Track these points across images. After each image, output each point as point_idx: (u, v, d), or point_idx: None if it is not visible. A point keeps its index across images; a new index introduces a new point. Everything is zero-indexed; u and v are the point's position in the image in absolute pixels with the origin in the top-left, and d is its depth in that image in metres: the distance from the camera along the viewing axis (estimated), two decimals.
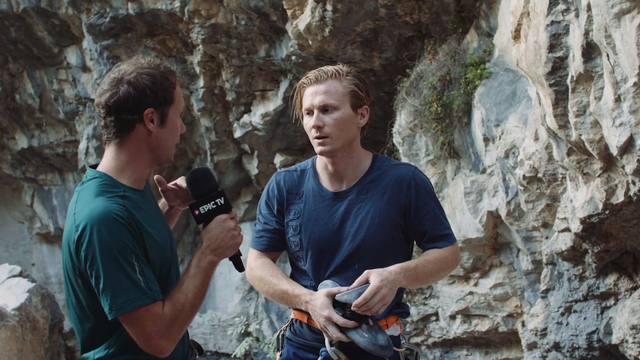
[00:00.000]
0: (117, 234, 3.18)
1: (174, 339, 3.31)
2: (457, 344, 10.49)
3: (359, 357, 3.96)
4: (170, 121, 3.41)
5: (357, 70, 4.14)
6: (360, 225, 4.00)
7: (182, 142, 13.76)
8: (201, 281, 3.36)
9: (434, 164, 9.44)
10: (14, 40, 13.32)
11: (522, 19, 6.44)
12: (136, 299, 3.18)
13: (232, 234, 3.40)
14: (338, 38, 9.83)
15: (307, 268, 4.11)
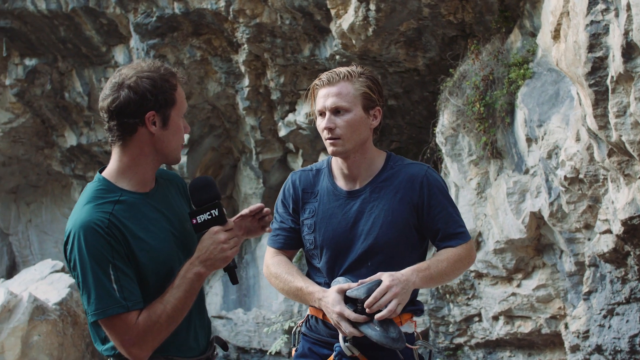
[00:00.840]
0: (95, 244, 3.27)
1: (147, 347, 3.36)
2: (500, 345, 10.42)
3: (372, 352, 3.98)
4: (172, 123, 3.45)
5: (371, 71, 4.14)
6: (373, 223, 4.03)
7: (227, 140, 13.85)
8: (184, 293, 3.37)
9: (477, 164, 9.40)
10: (63, 39, 13.49)
11: (562, 19, 6.39)
12: (108, 308, 3.27)
13: (222, 247, 3.38)
14: (381, 37, 9.82)
15: (322, 266, 4.15)
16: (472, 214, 9.63)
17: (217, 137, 13.86)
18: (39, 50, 14.05)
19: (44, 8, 12.93)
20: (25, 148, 16.52)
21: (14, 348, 10.79)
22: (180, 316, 3.39)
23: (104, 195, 3.42)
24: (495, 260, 9.51)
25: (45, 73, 14.39)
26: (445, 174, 10.01)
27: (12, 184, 17.53)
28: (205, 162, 13.96)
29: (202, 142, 13.73)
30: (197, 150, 13.71)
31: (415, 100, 11.01)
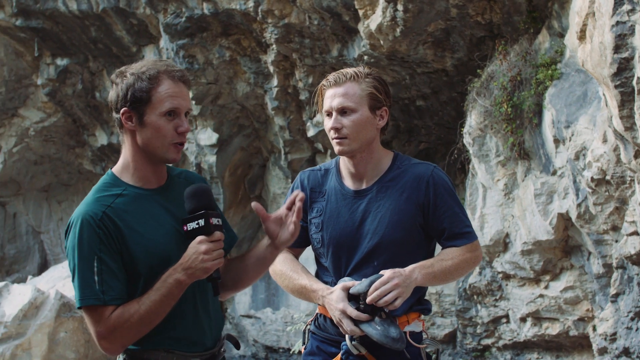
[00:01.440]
0: (84, 236, 3.37)
1: (117, 343, 3.41)
2: (527, 347, 10.38)
3: (379, 351, 3.99)
4: (149, 121, 3.48)
5: (378, 72, 4.16)
6: (380, 223, 4.04)
7: (256, 140, 13.89)
8: (160, 297, 3.38)
9: (504, 165, 9.36)
10: (94, 39, 13.60)
11: (587, 20, 6.35)
12: (85, 298, 3.36)
13: (202, 257, 3.35)
14: (409, 38, 9.81)
15: (328, 264, 4.17)
16: (499, 215, 9.60)
17: (246, 137, 13.90)
18: (70, 50, 14.17)
19: (75, 8, 13.04)
20: (57, 147, 16.67)
21: (40, 344, 10.89)
22: (154, 319, 3.41)
23: (108, 188, 3.51)
24: (522, 262, 9.47)
25: (77, 73, 14.51)
26: (473, 175, 9.99)
27: (44, 182, 17.68)
28: (234, 161, 14.02)
29: (231, 142, 13.78)
30: (226, 150, 13.77)
31: (443, 100, 10.99)
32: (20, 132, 16.31)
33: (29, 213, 18.02)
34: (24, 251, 18.12)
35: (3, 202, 17.90)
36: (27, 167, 17.21)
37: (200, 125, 13.53)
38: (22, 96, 15.69)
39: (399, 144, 12.00)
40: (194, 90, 12.80)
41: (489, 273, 10.22)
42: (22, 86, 15.48)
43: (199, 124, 13.52)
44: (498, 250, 9.74)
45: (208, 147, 13.62)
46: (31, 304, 10.92)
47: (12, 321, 10.79)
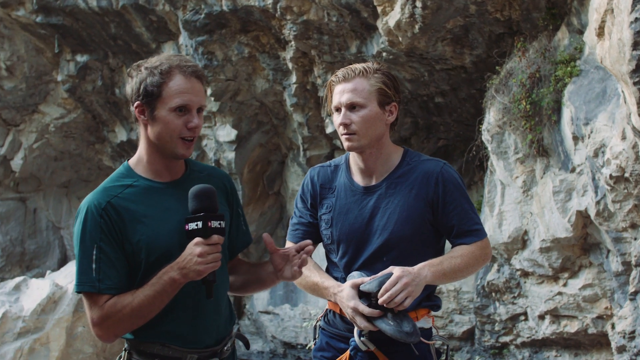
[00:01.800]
0: (85, 223, 3.47)
1: (109, 332, 3.49)
2: (546, 345, 10.34)
3: (388, 347, 4.00)
4: (159, 115, 3.53)
5: (387, 67, 4.16)
6: (389, 219, 4.05)
7: (275, 137, 13.90)
8: (154, 292, 3.43)
9: (523, 162, 9.34)
10: (114, 36, 13.64)
11: (606, 16, 6.33)
12: (81, 284, 3.48)
13: (197, 260, 3.38)
14: (428, 35, 9.79)
15: (338, 261, 4.19)
16: (517, 212, 9.57)
17: (265, 134, 13.91)
18: (90, 46, 14.23)
19: (94, 5, 13.08)
20: (77, 143, 16.75)
21: (58, 339, 10.97)
22: (146, 313, 3.46)
23: (120, 179, 3.60)
24: (541, 259, 9.44)
25: (96, 69, 14.57)
26: (491, 172, 9.96)
27: (64, 178, 17.76)
28: (252, 158, 14.03)
29: (250, 139, 13.80)
30: (245, 147, 13.78)
31: (462, 97, 10.96)
32: (41, 128, 16.39)
33: (49, 209, 18.10)
34: (44, 246, 18.21)
35: (23, 198, 18.00)
36: (47, 163, 17.29)
37: (219, 121, 13.54)
38: (43, 92, 15.76)
39: (418, 140, 11.99)
40: (213, 86, 12.81)
41: (507, 270, 10.20)
42: (43, 82, 15.55)
43: (218, 121, 13.54)
44: (516, 248, 9.72)
45: (227, 143, 13.64)
46: (49, 298, 11.00)
47: (31, 316, 10.87)
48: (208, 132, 13.74)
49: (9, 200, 17.87)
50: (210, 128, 13.70)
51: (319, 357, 4.27)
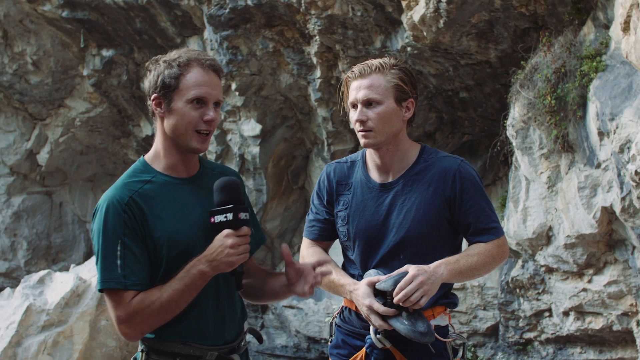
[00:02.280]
0: (109, 220, 3.44)
1: (137, 329, 3.46)
2: (570, 341, 10.30)
3: (404, 344, 3.99)
4: (176, 107, 3.53)
5: (404, 63, 4.13)
6: (405, 216, 4.03)
7: (299, 131, 13.90)
8: (183, 286, 3.43)
9: (548, 158, 9.28)
10: (139, 30, 13.68)
11: (632, 11, 6.28)
12: (106, 281, 3.44)
13: (228, 251, 3.40)
14: (453, 29, 9.75)
15: (355, 258, 4.18)
16: (542, 208, 9.53)
17: (290, 128, 13.91)
18: (116, 41, 14.28)
19: (120, 0, 13.13)
20: (102, 137, 16.82)
21: (82, 332, 11.03)
22: (174, 308, 3.46)
23: (138, 174, 3.60)
24: (565, 255, 9.39)
25: (122, 64, 14.62)
26: (516, 167, 9.92)
27: (90, 172, 17.83)
28: (277, 152, 14.03)
29: (275, 133, 13.80)
30: (270, 141, 13.79)
31: (487, 92, 10.91)
32: (67, 123, 16.47)
33: (75, 202, 18.19)
34: (70, 240, 18.30)
35: (49, 192, 18.09)
36: (73, 157, 17.37)
37: (243, 116, 13.55)
38: (69, 87, 15.84)
39: (442, 135, 11.95)
40: (238, 81, 12.82)
41: (531, 266, 10.15)
42: (69, 77, 15.63)
43: (243, 115, 13.55)
44: (541, 244, 9.67)
45: (251, 138, 13.65)
46: (73, 292, 11.07)
47: (55, 309, 10.94)
48: (233, 127, 13.76)
49: (35, 194, 17.98)
50: (235, 122, 13.71)
51: (335, 355, 4.28)
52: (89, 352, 11.16)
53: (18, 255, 17.85)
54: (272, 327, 14.86)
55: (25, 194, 17.90)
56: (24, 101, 16.21)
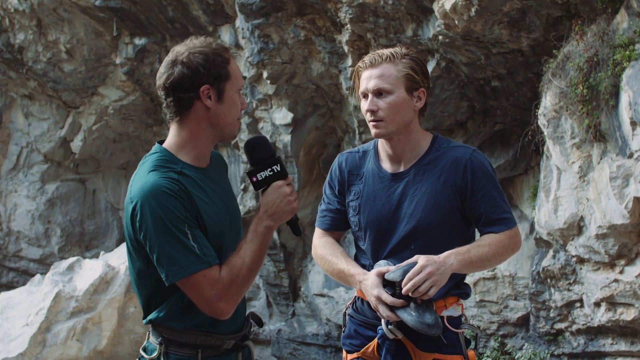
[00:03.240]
0: (167, 205, 3.38)
1: (233, 301, 3.48)
2: (602, 332, 10.23)
3: (415, 335, 3.98)
4: (227, 96, 3.56)
5: (415, 52, 4.11)
6: (416, 206, 4.02)
7: (331, 120, 13.89)
8: (258, 245, 3.50)
9: (579, 148, 9.22)
10: (171, 19, 13.72)
11: None
12: (191, 265, 3.38)
13: (288, 199, 3.52)
14: (484, 18, 9.69)
15: (366, 248, 4.18)
16: (574, 198, 9.46)
17: (321, 117, 13.91)
18: (148, 29, 14.34)
19: None
20: (135, 125, 16.93)
21: (110, 319, 11.13)
22: (257, 268, 3.52)
23: (166, 164, 3.56)
24: (597, 246, 9.33)
25: (154, 52, 14.69)
26: (547, 157, 9.85)
27: (123, 160, 17.96)
28: (309, 141, 14.04)
29: (306, 122, 13.80)
30: (301, 130, 13.80)
31: (519, 81, 10.84)
32: (100, 111, 16.59)
33: (108, 190, 18.34)
34: (103, 227, 18.46)
35: (83, 179, 18.25)
36: (106, 145, 17.50)
37: (275, 104, 13.57)
38: (102, 75, 15.95)
39: (474, 124, 11.89)
40: (269, 69, 12.84)
41: (562, 256, 10.09)
42: (102, 65, 15.74)
43: (274, 104, 13.57)
44: (572, 234, 9.61)
45: (283, 126, 13.66)
46: (102, 279, 11.16)
47: (83, 295, 11.04)
48: (264, 115, 13.78)
49: (69, 182, 18.15)
50: (267, 111, 13.74)
51: (347, 345, 4.29)
52: (117, 338, 11.26)
53: (52, 242, 18.04)
54: (303, 315, 14.91)
55: (59, 182, 18.07)
56: (58, 89, 16.34)
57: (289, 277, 14.85)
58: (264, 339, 15.63)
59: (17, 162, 18.04)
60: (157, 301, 3.58)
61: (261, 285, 15.60)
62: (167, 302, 3.56)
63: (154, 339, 3.65)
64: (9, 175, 18.14)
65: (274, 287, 15.14)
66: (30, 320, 11.05)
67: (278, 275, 14.93)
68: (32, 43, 15.68)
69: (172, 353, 3.60)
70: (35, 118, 17.51)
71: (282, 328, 15.28)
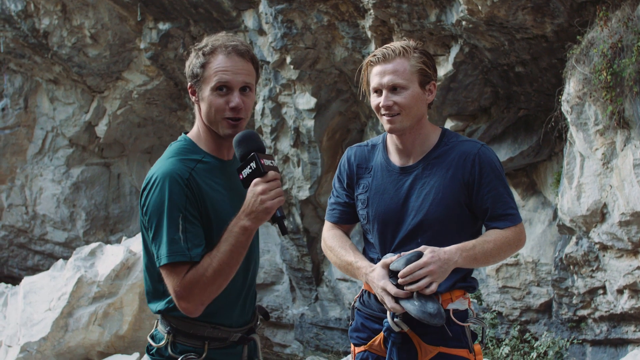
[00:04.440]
0: (171, 192, 3.43)
1: (195, 301, 3.44)
2: (624, 319, 10.20)
3: (421, 328, 3.99)
4: (202, 96, 3.63)
5: (423, 45, 4.11)
6: (424, 200, 4.03)
7: (354, 105, 13.89)
8: (230, 246, 3.43)
9: (603, 134, 9.16)
10: (195, 4, 13.75)
11: None
12: (173, 254, 3.41)
13: (260, 198, 3.39)
14: (508, 3, 9.64)
15: (374, 241, 4.19)
16: (597, 185, 9.42)
17: (344, 102, 13.90)
18: (172, 14, 14.38)
19: None
20: (159, 110, 17.00)
21: (132, 304, 11.22)
22: (227, 271, 3.46)
23: (188, 153, 3.64)
24: (620, 233, 9.29)
25: (178, 37, 14.73)
26: (571, 143, 9.81)
27: (147, 144, 18.06)
28: (332, 126, 14.05)
29: (329, 107, 13.81)
30: (324, 115, 13.80)
31: (543, 67, 10.78)
32: (124, 95, 16.68)
33: (133, 174, 18.45)
34: (128, 211, 18.58)
35: (108, 163, 18.38)
36: (131, 129, 17.60)
37: (298, 89, 13.58)
38: (126, 60, 16.02)
39: (498, 110, 11.84)
40: (292, 54, 12.84)
41: (585, 243, 10.06)
42: (126, 50, 15.80)
43: (297, 89, 13.58)
44: (595, 221, 9.57)
45: (306, 111, 13.68)
46: (123, 264, 11.24)
47: (105, 281, 11.13)
48: (287, 100, 13.80)
49: (94, 166, 18.28)
50: (290, 96, 13.75)
51: (354, 338, 4.31)
52: (138, 323, 11.35)
53: (77, 225, 18.18)
54: (326, 299, 14.95)
55: (84, 166, 18.21)
56: (83, 74, 16.44)
57: (312, 261, 14.89)
58: (287, 323, 15.70)
59: (42, 147, 18.19)
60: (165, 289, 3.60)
61: (284, 270, 15.66)
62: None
63: (162, 327, 3.69)
64: (34, 160, 18.29)
65: (297, 271, 15.19)
66: (53, 305, 11.15)
67: (301, 259, 14.98)
68: (57, 28, 15.77)
69: (180, 343, 3.65)
70: (61, 102, 17.63)
71: (305, 312, 15.33)
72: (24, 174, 18.36)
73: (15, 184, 18.44)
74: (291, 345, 15.78)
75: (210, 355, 3.65)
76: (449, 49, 11.36)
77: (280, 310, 15.73)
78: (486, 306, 11.98)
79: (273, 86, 13.76)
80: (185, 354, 3.63)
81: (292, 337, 15.69)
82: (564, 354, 10.69)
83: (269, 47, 13.21)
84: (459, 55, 11.07)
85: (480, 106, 11.83)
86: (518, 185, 11.78)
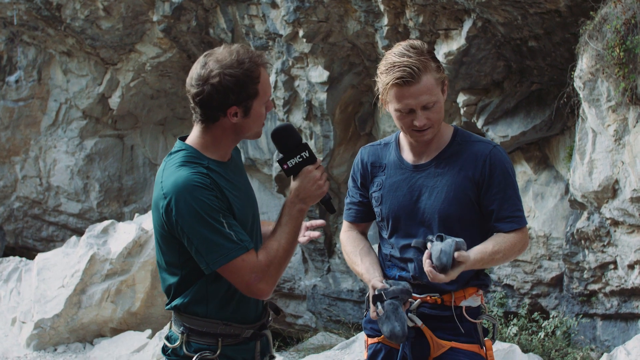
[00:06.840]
0: (201, 198, 3.51)
1: (272, 281, 3.65)
2: (635, 294, 10.25)
3: (435, 323, 4.12)
4: (254, 112, 3.68)
5: (422, 44, 4.09)
6: (436, 198, 4.08)
7: (367, 78, 13.87)
8: (292, 227, 3.70)
9: (615, 111, 9.15)
10: None
11: None
12: (230, 252, 3.54)
13: (318, 183, 3.70)
14: None
15: (388, 238, 4.25)
16: (609, 161, 9.43)
17: (357, 75, 13.91)
18: None
19: None
20: (172, 82, 17.02)
21: (144, 281, 11.33)
22: (292, 249, 3.71)
23: (194, 161, 3.66)
24: (631, 209, 9.31)
25: (191, 10, 14.72)
26: (583, 119, 9.81)
27: (160, 116, 18.10)
28: (344, 99, 14.06)
29: (342, 80, 13.81)
30: (337, 88, 13.81)
31: (556, 41, 10.75)
32: (137, 67, 16.70)
33: (146, 146, 18.51)
34: (141, 182, 18.67)
35: (121, 135, 18.44)
36: (144, 101, 17.64)
37: (311, 62, 13.59)
38: (139, 32, 16.02)
39: (511, 84, 11.82)
40: (305, 28, 12.84)
41: (597, 219, 10.08)
42: (139, 22, 15.80)
43: (310, 62, 13.58)
44: (607, 197, 9.59)
45: (319, 84, 13.69)
46: (135, 242, 11.33)
47: (117, 258, 11.23)
48: (300, 73, 13.81)
49: (107, 137, 18.34)
50: (303, 69, 13.76)
51: (368, 329, 4.39)
52: (150, 300, 11.47)
53: (91, 197, 18.28)
54: (339, 271, 15.03)
55: (98, 137, 18.28)
56: (96, 46, 16.46)
57: (324, 233, 14.95)
58: (299, 294, 15.80)
59: (56, 118, 18.25)
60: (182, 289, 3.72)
61: None
62: (192, 288, 3.69)
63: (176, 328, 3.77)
64: (48, 131, 18.37)
65: (310, 243, 15.26)
66: (66, 282, 11.27)
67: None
68: (70, 0, 15.77)
69: (194, 342, 3.74)
70: (74, 75, 17.66)
71: (317, 284, 15.42)
72: (38, 146, 18.44)
73: (29, 156, 18.53)
74: (303, 316, 15.89)
75: (224, 352, 3.75)
76: (462, 23, 11.33)
77: (292, 282, 15.82)
78: (497, 279, 12.03)
79: (286, 59, 13.77)
80: (200, 352, 3.72)
81: (305, 308, 15.80)
82: (572, 333, 10.75)
83: (281, 20, 13.20)
84: (472, 29, 11.04)
85: (493, 80, 11.82)
86: (530, 160, 11.79)
